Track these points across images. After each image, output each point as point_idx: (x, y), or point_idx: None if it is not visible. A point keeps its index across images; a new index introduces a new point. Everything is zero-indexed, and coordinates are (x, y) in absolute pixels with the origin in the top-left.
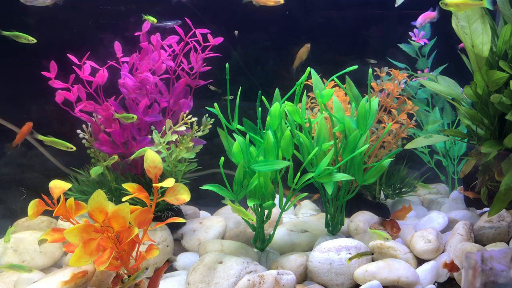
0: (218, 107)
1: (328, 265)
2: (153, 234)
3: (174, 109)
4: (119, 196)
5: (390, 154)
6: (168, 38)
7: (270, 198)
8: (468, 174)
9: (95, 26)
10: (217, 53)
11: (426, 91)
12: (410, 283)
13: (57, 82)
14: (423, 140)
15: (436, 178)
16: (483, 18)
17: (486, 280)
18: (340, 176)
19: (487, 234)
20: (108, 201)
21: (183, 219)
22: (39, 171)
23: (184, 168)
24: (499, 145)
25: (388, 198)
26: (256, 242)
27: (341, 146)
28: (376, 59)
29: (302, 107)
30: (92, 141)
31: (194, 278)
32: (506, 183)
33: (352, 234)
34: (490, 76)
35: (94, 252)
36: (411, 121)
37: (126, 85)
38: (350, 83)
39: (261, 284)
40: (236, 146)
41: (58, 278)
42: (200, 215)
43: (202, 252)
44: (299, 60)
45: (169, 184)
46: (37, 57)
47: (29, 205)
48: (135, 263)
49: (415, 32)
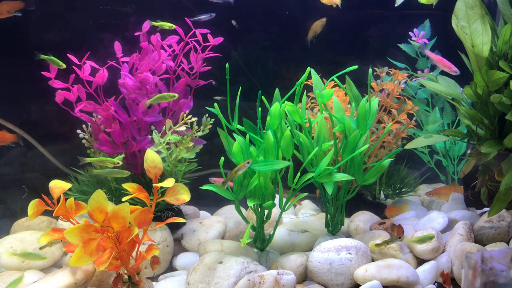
0: (218, 107)
1: (328, 265)
2: (153, 234)
3: (174, 109)
4: (119, 196)
5: (390, 154)
6: (168, 38)
7: (270, 198)
8: (468, 174)
9: (95, 26)
10: (217, 53)
11: (426, 91)
12: (410, 283)
13: (57, 82)
14: (423, 140)
15: (436, 178)
16: (483, 18)
17: (486, 280)
18: (340, 176)
19: (487, 234)
20: (108, 201)
21: (183, 219)
22: (39, 171)
23: (184, 168)
24: (499, 145)
25: (388, 198)
26: (256, 242)
27: (341, 146)
28: (376, 59)
29: (302, 107)
30: (92, 141)
31: (194, 278)
32: (506, 183)
33: (352, 234)
34: (490, 76)
35: (94, 252)
36: (411, 121)
37: (126, 85)
38: (350, 83)
39: (261, 284)
40: (236, 146)
41: (58, 278)
42: (200, 215)
43: (202, 252)
44: (312, 32)
45: (169, 184)
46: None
47: (29, 205)
48: (135, 263)
49: (415, 32)
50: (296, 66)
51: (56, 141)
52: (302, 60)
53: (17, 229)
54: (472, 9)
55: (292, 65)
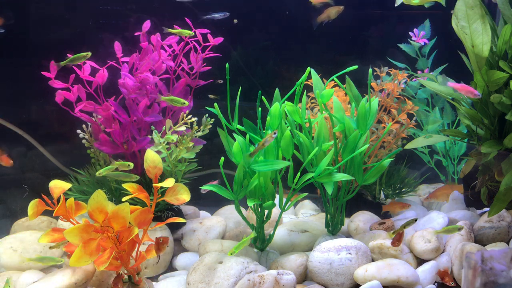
0: (218, 107)
1: (328, 265)
2: (153, 234)
3: (174, 109)
4: (119, 196)
5: (390, 154)
6: (168, 38)
7: (270, 198)
8: (468, 174)
9: (95, 26)
10: (217, 53)
11: (426, 91)
12: (410, 283)
13: (57, 82)
14: (423, 140)
15: (436, 178)
16: (483, 18)
17: (486, 280)
18: (340, 176)
19: (487, 234)
20: (108, 201)
21: (183, 219)
22: (39, 171)
23: (184, 168)
24: (499, 145)
25: (388, 198)
26: (256, 242)
27: (341, 146)
28: (376, 59)
29: (302, 107)
30: (92, 141)
31: (194, 278)
32: (506, 183)
33: (352, 234)
34: (490, 76)
35: (94, 252)
36: (411, 121)
37: (126, 85)
38: (350, 83)
39: (261, 284)
40: (236, 146)
41: (58, 278)
42: (200, 215)
43: (202, 252)
44: (325, 16)
45: (169, 184)
46: (37, 57)
47: (29, 205)
48: (135, 263)
49: (415, 32)
50: (296, 66)
51: (56, 141)
52: (302, 60)
53: (17, 229)
54: (472, 9)
55: (292, 65)
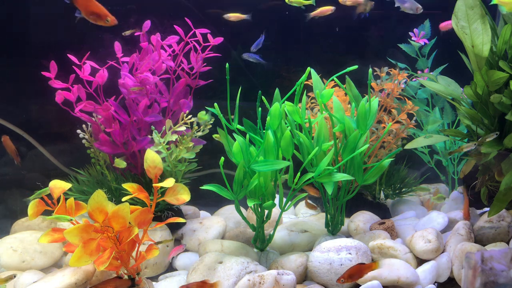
0: (218, 107)
1: (328, 265)
2: (153, 234)
3: (174, 109)
4: (119, 196)
5: (390, 154)
6: (168, 38)
7: (270, 198)
8: (468, 174)
9: (95, 26)
10: (217, 53)
11: (426, 91)
12: (410, 283)
13: (57, 82)
14: (423, 140)
15: (436, 178)
16: (483, 18)
17: (486, 280)
18: (340, 176)
19: (487, 234)
20: (108, 201)
21: (183, 219)
22: (39, 171)
23: (184, 168)
24: (499, 145)
25: (388, 198)
26: (256, 242)
27: (341, 146)
28: (376, 59)
29: (302, 107)
30: (92, 141)
31: (194, 278)
32: (506, 183)
33: (352, 234)
34: (490, 76)
35: (94, 252)
36: (411, 121)
37: (126, 85)
38: (350, 83)
39: (261, 284)
40: (236, 146)
41: (58, 278)
42: (200, 215)
43: (202, 252)
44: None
45: (169, 184)
46: (37, 57)
47: (29, 205)
48: (135, 263)
49: (415, 32)
50: (296, 66)
51: (56, 141)
52: (302, 60)
53: (17, 229)
54: (472, 9)
55: (292, 65)
